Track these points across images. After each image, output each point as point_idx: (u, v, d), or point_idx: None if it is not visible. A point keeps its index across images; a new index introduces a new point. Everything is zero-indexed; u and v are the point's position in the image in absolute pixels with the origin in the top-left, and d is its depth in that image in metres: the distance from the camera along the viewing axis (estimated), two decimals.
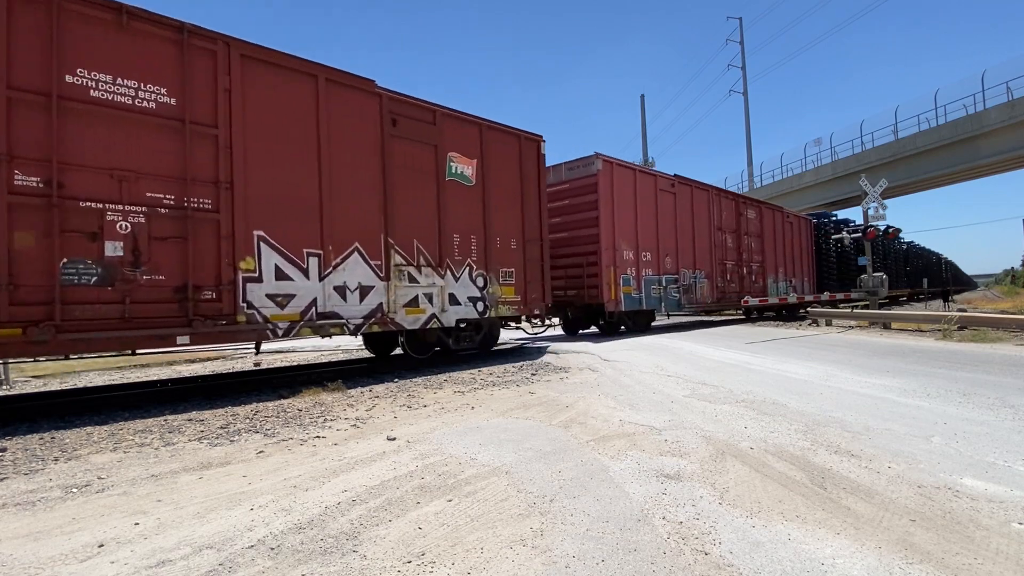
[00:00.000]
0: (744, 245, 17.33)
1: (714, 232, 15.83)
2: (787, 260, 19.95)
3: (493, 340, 10.37)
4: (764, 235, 18.49)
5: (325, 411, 5.57)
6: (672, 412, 5.02)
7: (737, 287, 16.68)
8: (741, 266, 17.06)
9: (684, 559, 2.29)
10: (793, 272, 20.32)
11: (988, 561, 2.25)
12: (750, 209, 17.94)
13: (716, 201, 16.16)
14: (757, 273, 17.96)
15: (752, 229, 17.92)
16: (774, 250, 19.12)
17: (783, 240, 19.77)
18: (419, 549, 2.43)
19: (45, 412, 5.82)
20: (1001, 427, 4.27)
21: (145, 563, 2.35)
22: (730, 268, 16.53)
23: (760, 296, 17.56)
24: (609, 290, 12.11)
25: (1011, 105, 24.06)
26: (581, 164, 12.51)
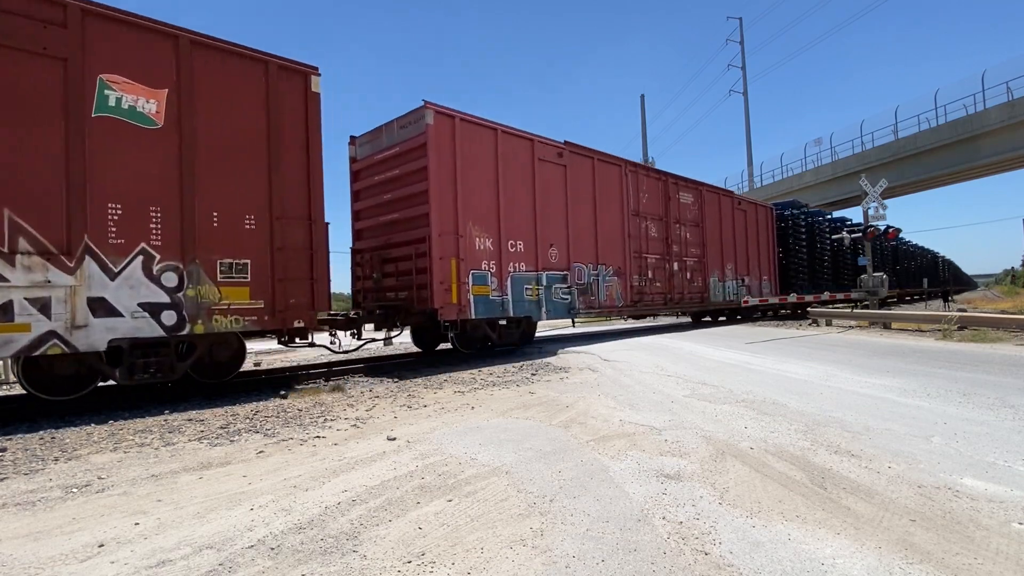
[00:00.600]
0: (675, 235, 14.32)
1: (628, 218, 12.69)
2: (740, 255, 17.08)
3: (224, 369, 6.99)
4: (706, 224, 15.44)
5: (325, 411, 5.58)
6: (672, 412, 5.02)
7: (664, 286, 13.86)
8: (669, 261, 14.04)
9: (684, 559, 2.29)
10: (748, 269, 17.49)
11: (988, 561, 2.25)
12: (685, 192, 14.87)
13: (632, 179, 12.93)
14: (694, 270, 15.01)
15: (688, 216, 14.87)
16: (720, 242, 16.09)
17: (734, 231, 16.82)
18: (419, 549, 2.43)
19: (45, 412, 5.81)
20: (1001, 427, 4.27)
21: (145, 563, 2.35)
22: (653, 263, 13.48)
23: (693, 297, 15.07)
24: (446, 291, 8.68)
25: (1011, 105, 24.05)
26: (413, 120, 9.20)
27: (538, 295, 10.41)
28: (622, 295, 12.57)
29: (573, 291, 11.20)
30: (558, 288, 10.87)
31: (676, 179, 14.71)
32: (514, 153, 10.13)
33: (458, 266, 8.95)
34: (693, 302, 15.18)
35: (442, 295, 8.66)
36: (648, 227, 13.52)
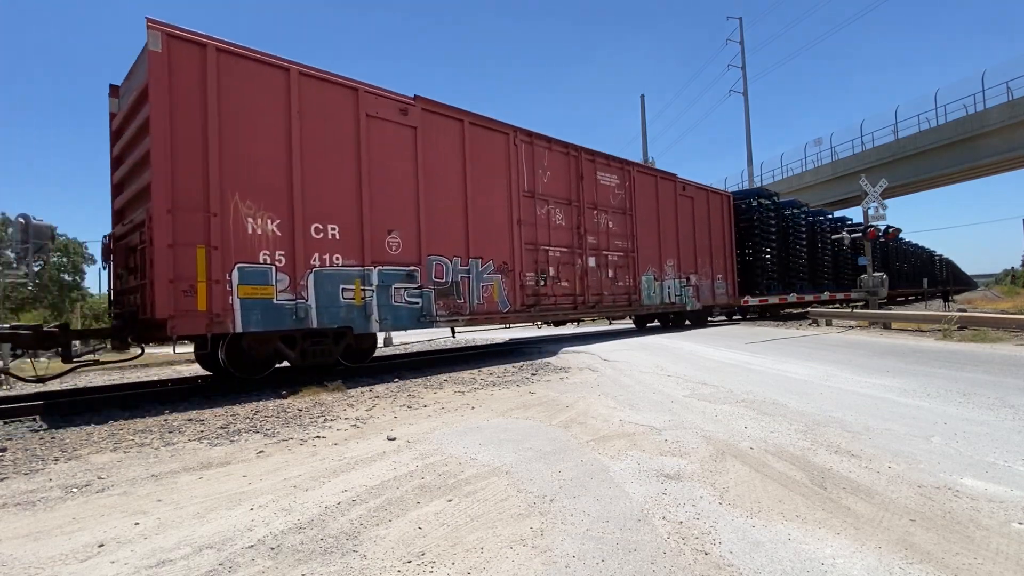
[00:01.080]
0: (593, 224, 11.80)
1: (520, 201, 10.13)
2: (685, 249, 14.76)
3: None
4: (637, 212, 13.00)
5: (325, 411, 5.58)
6: (672, 412, 5.02)
7: (573, 286, 11.22)
8: (582, 255, 11.46)
9: (684, 559, 2.29)
10: (696, 266, 15.22)
11: (988, 561, 2.25)
12: (606, 171, 12.34)
13: (527, 152, 10.34)
14: (620, 267, 12.51)
15: (611, 202, 12.38)
16: (657, 234, 13.75)
17: (677, 221, 14.44)
18: (419, 549, 2.43)
19: (45, 412, 5.81)
20: (1001, 427, 4.27)
21: (145, 563, 2.35)
22: (558, 258, 10.87)
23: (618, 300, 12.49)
24: (184, 294, 6.12)
25: (1011, 105, 24.08)
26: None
27: (364, 298, 7.56)
28: (509, 297, 9.80)
29: (427, 293, 8.43)
30: (401, 289, 8.13)
31: (593, 155, 12.04)
32: (323, 105, 7.43)
33: (209, 257, 6.28)
34: (618, 305, 12.55)
35: (172, 299, 6.00)
36: (552, 213, 10.78)
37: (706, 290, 15.74)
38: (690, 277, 15.02)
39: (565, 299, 11.10)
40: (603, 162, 12.38)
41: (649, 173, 14.05)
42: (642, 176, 13.65)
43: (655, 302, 13.78)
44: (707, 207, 15.99)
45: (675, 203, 14.56)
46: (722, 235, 16.80)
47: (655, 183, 13.95)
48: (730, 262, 17.15)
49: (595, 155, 12.15)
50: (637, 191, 13.21)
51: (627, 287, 12.76)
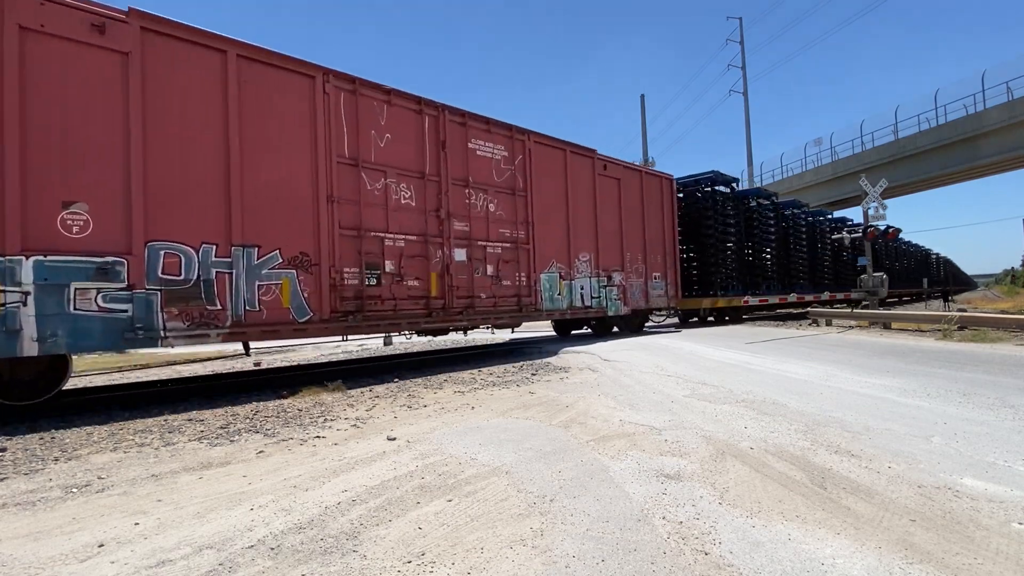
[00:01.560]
0: (464, 206, 9.20)
1: (334, 170, 7.53)
2: (608, 242, 12.35)
3: None
4: (535, 194, 10.51)
5: (325, 411, 5.58)
6: (672, 412, 5.02)
7: (425, 287, 8.53)
8: (444, 246, 8.84)
9: (684, 559, 2.29)
10: (623, 262, 12.74)
11: (988, 561, 2.25)
12: (484, 139, 9.68)
13: (348, 105, 7.77)
14: (508, 261, 9.88)
15: (494, 178, 9.77)
16: (566, 223, 11.28)
17: (595, 207, 12.01)
18: (419, 549, 2.43)
19: (45, 412, 5.81)
20: (1001, 427, 4.27)
21: (145, 563, 2.35)
22: (401, 249, 8.25)
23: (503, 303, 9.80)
24: None
25: (1011, 105, 24.08)
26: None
27: (2, 304, 5.11)
28: (312, 302, 7.19)
29: (143, 297, 5.87)
30: (90, 291, 5.59)
31: (463, 117, 9.35)
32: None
33: None
34: (503, 310, 9.74)
35: None
36: (393, 189, 8.21)
37: (637, 291, 13.24)
38: (613, 275, 12.43)
39: (413, 304, 8.36)
40: (479, 127, 9.60)
41: (553, 145, 11.19)
42: (543, 148, 10.85)
43: (560, 306, 10.97)
44: (640, 192, 13.40)
45: (593, 184, 12.01)
46: (661, 226, 14.24)
47: (563, 159, 11.33)
48: (672, 258, 14.65)
49: (467, 117, 9.41)
50: (535, 167, 10.56)
51: (516, 287, 10.00)
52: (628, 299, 12.98)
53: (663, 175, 14.80)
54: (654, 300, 13.95)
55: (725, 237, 16.87)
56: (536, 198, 10.62)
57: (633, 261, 13.27)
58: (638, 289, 13.43)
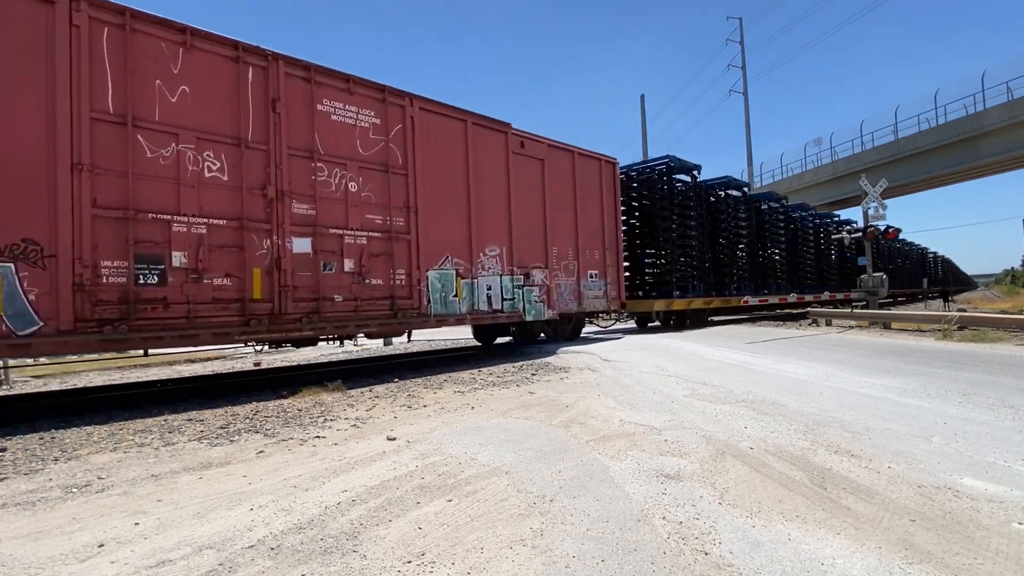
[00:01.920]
0: (306, 184, 7.26)
1: (86, 129, 5.67)
2: (525, 233, 10.31)
3: None
4: (421, 172, 8.56)
5: (325, 411, 5.58)
6: (672, 412, 5.02)
7: (240, 286, 6.61)
8: (275, 233, 6.92)
9: (684, 559, 2.29)
10: (548, 259, 10.79)
11: (988, 561, 2.25)
12: (346, 103, 7.79)
13: (113, 41, 5.92)
14: (379, 255, 7.97)
15: (359, 152, 7.88)
16: (467, 210, 9.29)
17: (509, 192, 10.02)
18: (419, 549, 2.43)
19: (45, 412, 5.81)
20: (1001, 427, 4.27)
21: (145, 563, 2.35)
22: (201, 237, 6.35)
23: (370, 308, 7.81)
24: None
25: (1011, 105, 24.09)
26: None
27: None
28: (39, 306, 5.34)
29: None
30: None
31: (308, 70, 7.37)
32: None
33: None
34: (370, 315, 7.77)
35: None
36: (193, 158, 6.35)
37: (567, 291, 11.23)
38: (532, 273, 10.38)
39: (220, 309, 6.45)
40: (334, 85, 7.59)
41: (448, 115, 9.12)
42: (432, 118, 8.83)
43: (457, 309, 8.95)
44: (572, 176, 11.53)
45: (506, 165, 10.03)
46: (600, 216, 12.25)
47: (463, 132, 9.30)
48: (614, 255, 12.60)
49: (314, 71, 7.42)
50: (422, 140, 8.60)
51: (390, 287, 8.02)
52: (555, 301, 10.87)
53: (603, 157, 12.48)
54: (590, 302, 11.85)
55: (685, 232, 15.13)
56: (423, 178, 8.60)
57: (562, 257, 11.21)
58: (568, 290, 11.31)
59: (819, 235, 23.09)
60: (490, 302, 9.64)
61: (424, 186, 8.67)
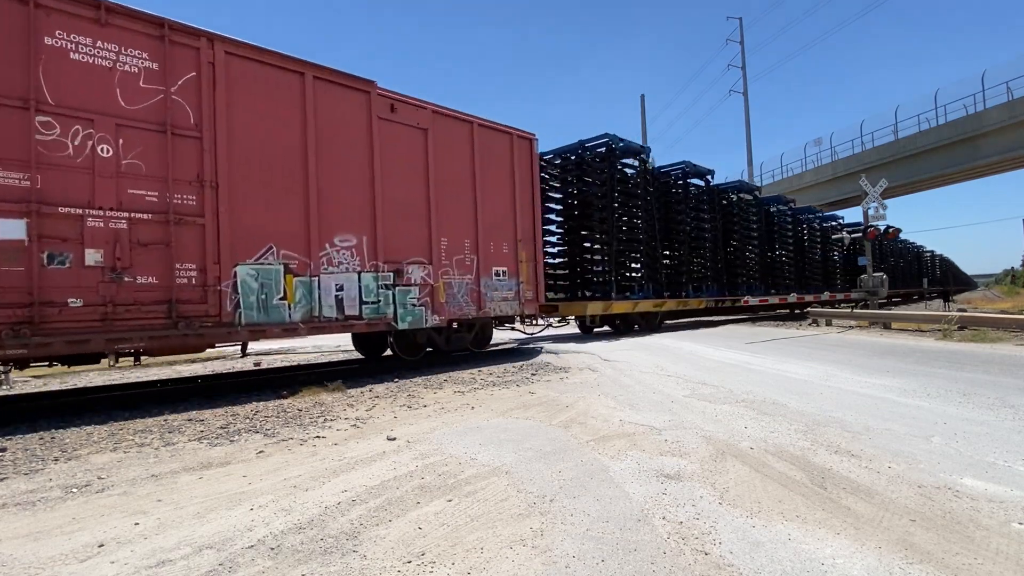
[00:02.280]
0: (19, 147, 5.27)
1: None
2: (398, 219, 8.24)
3: None
4: (223, 137, 6.55)
5: (325, 411, 5.58)
6: (672, 412, 5.02)
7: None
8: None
9: (684, 559, 2.29)
10: (433, 253, 8.69)
11: (988, 561, 2.25)
12: (92, 32, 5.72)
13: None
14: (147, 244, 5.87)
15: (121, 104, 5.88)
16: (303, 187, 7.24)
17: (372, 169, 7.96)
18: (419, 549, 2.43)
19: (45, 412, 5.81)
20: (1001, 427, 4.27)
21: (145, 563, 2.35)
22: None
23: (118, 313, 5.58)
24: None
25: (1011, 105, 24.09)
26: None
27: None
28: None
29: None
30: None
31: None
32: None
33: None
34: (133, 325, 5.78)
35: None
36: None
37: (462, 292, 9.11)
38: (408, 269, 8.29)
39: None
40: (82, 14, 5.71)
41: (278, 65, 7.09)
42: (250, 67, 6.85)
43: (288, 316, 6.88)
44: (471, 152, 9.39)
45: (368, 133, 7.91)
46: (511, 202, 10.06)
47: (300, 87, 7.20)
48: (531, 248, 10.46)
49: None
50: (228, 94, 6.62)
51: (168, 288, 6.03)
52: (442, 305, 8.74)
53: (515, 131, 10.20)
54: (496, 306, 9.71)
55: (631, 224, 13.56)
56: (230, 144, 6.60)
57: (454, 251, 9.06)
58: (463, 290, 9.15)
59: (799, 232, 22.05)
60: (340, 306, 7.43)
61: (233, 155, 6.61)
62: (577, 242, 13.78)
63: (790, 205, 21.96)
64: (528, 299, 10.47)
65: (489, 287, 9.68)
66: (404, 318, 8.24)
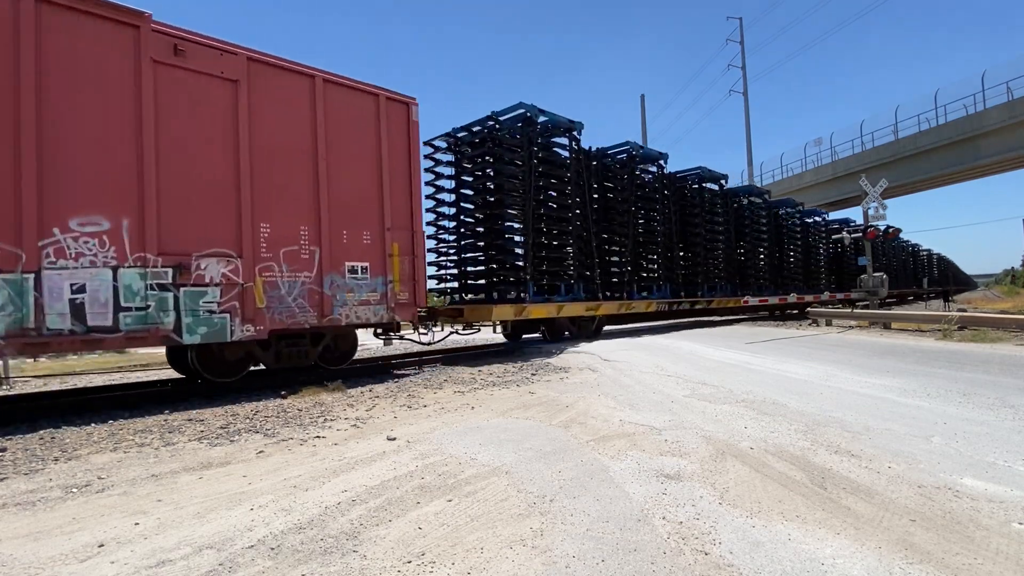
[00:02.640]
0: None
1: None
2: (177, 200, 6.25)
3: None
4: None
5: (325, 411, 5.58)
6: (672, 412, 5.02)
7: None
8: None
9: (684, 559, 2.29)
10: (243, 242, 6.74)
11: (988, 561, 2.25)
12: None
13: None
14: None
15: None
16: (14, 151, 5.23)
17: (138, 128, 6.00)
18: (419, 549, 2.43)
19: (45, 412, 5.82)
20: (1001, 427, 4.27)
21: (145, 563, 2.35)
22: None
23: None
24: None
25: (1011, 105, 24.10)
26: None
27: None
28: None
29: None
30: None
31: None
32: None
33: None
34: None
35: None
36: None
37: (298, 294, 7.19)
38: (200, 264, 6.42)
39: None
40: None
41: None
42: None
43: None
44: (312, 114, 7.47)
45: (136, 80, 6.07)
46: (377, 180, 8.16)
47: (12, 11, 5.40)
48: (407, 238, 8.50)
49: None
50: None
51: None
52: (259, 312, 6.83)
53: (384, 93, 8.25)
54: (352, 311, 7.73)
55: (565, 212, 11.67)
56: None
57: (283, 240, 7.12)
58: (298, 292, 7.18)
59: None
60: (80, 315, 5.52)
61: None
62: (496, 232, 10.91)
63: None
64: (402, 302, 8.37)
65: (339, 287, 7.64)
66: (194, 329, 6.29)
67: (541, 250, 11.36)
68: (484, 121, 11.01)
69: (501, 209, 10.78)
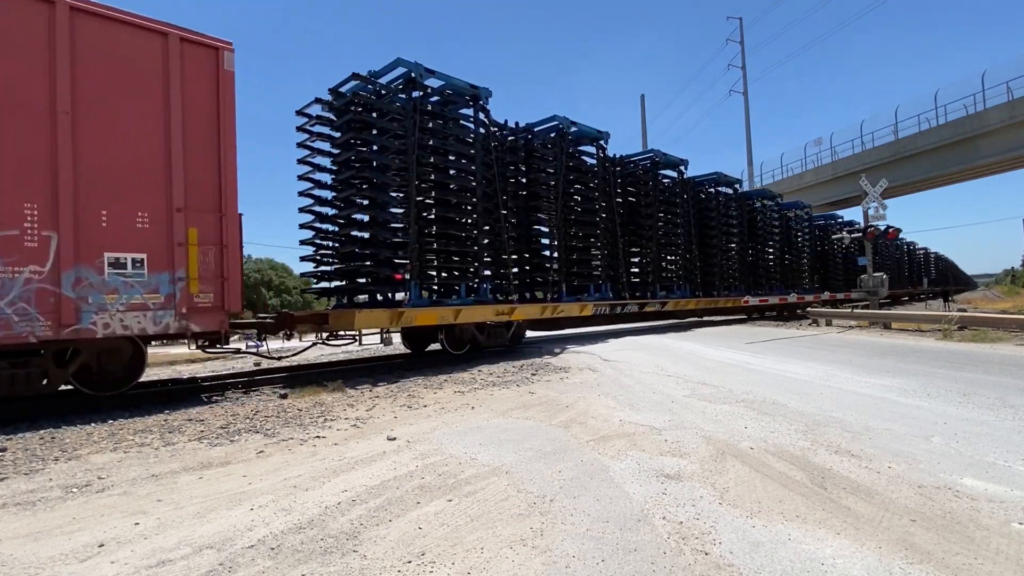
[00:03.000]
0: None
1: None
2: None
3: None
4: None
5: (325, 411, 5.58)
6: (672, 412, 5.02)
7: None
8: None
9: (684, 559, 2.29)
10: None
11: (988, 561, 2.25)
12: None
13: None
14: None
15: None
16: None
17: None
18: (419, 549, 2.43)
19: (45, 412, 5.81)
20: (1001, 427, 4.27)
21: (145, 563, 2.35)
22: None
23: None
24: None
25: (1011, 105, 24.09)
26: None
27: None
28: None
29: None
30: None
31: None
32: None
33: None
34: None
35: None
36: None
37: (14, 297, 5.25)
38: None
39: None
40: None
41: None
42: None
43: None
44: (50, 54, 5.51)
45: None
46: (163, 145, 6.19)
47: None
48: (215, 223, 6.55)
49: None
50: None
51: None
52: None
53: (177, 31, 6.32)
54: (116, 318, 5.80)
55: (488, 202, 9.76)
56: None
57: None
58: (18, 293, 5.28)
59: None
60: None
61: None
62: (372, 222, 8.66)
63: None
64: (202, 306, 6.40)
65: (92, 287, 5.70)
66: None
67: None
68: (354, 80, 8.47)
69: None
